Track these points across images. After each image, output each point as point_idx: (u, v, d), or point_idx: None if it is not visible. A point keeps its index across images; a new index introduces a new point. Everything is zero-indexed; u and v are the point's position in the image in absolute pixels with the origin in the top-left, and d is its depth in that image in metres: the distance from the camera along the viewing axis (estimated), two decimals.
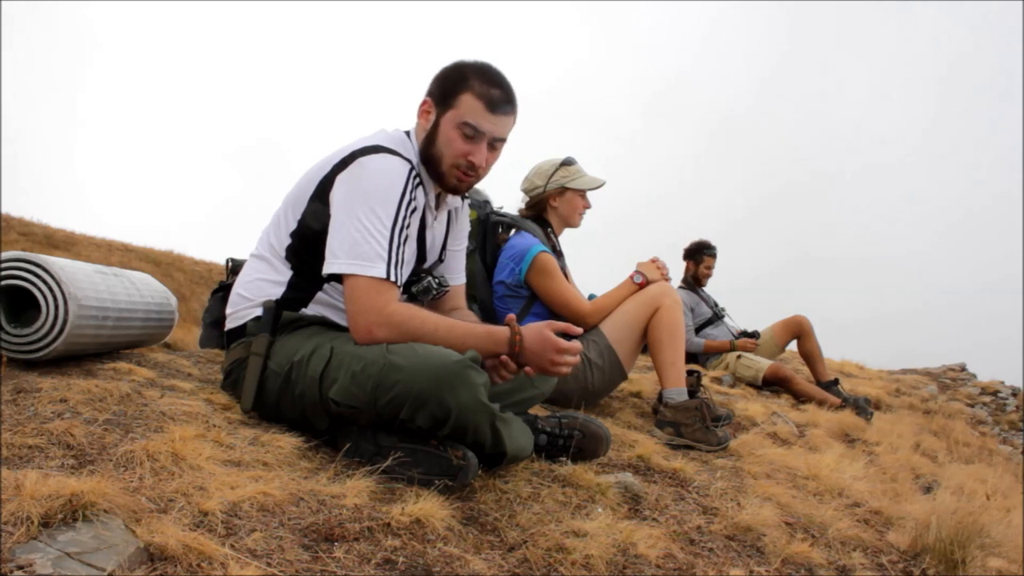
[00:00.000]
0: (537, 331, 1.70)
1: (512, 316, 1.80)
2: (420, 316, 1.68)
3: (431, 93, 1.83)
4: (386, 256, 1.67)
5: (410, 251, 1.82)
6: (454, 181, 1.84)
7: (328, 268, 1.70)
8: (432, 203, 1.90)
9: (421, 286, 1.90)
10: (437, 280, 1.92)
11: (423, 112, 1.84)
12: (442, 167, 1.82)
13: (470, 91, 1.78)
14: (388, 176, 1.71)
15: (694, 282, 5.35)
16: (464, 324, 1.72)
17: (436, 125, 1.81)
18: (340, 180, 1.72)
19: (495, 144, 1.82)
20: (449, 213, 2.02)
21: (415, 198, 1.76)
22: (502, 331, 1.71)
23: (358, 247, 1.66)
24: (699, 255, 5.32)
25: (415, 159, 1.83)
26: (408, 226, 1.74)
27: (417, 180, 1.77)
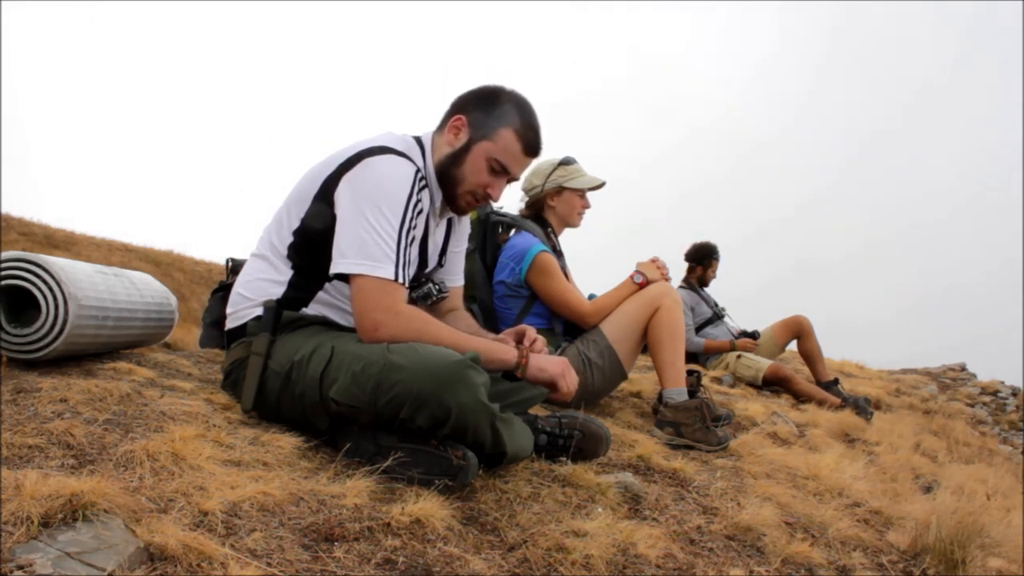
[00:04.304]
0: (560, 366, 1.81)
1: (525, 329, 1.90)
2: (426, 317, 1.70)
3: (467, 112, 1.84)
4: (394, 257, 1.67)
5: (414, 253, 1.83)
6: (463, 204, 1.89)
7: (336, 268, 1.70)
8: (436, 210, 1.91)
9: (421, 291, 1.91)
10: (437, 286, 1.94)
11: (453, 128, 1.84)
12: (458, 189, 1.85)
13: (510, 128, 1.81)
14: (395, 177, 1.71)
15: (700, 284, 5.37)
16: (470, 337, 1.75)
17: (467, 149, 1.82)
18: (346, 180, 1.72)
19: (511, 180, 1.89)
20: (450, 220, 2.03)
21: (421, 200, 1.76)
22: (510, 353, 1.76)
23: (366, 247, 1.66)
24: (708, 259, 5.34)
25: (422, 164, 1.83)
26: (415, 227, 1.74)
27: (423, 183, 1.78)
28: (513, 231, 2.96)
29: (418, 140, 1.88)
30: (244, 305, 1.84)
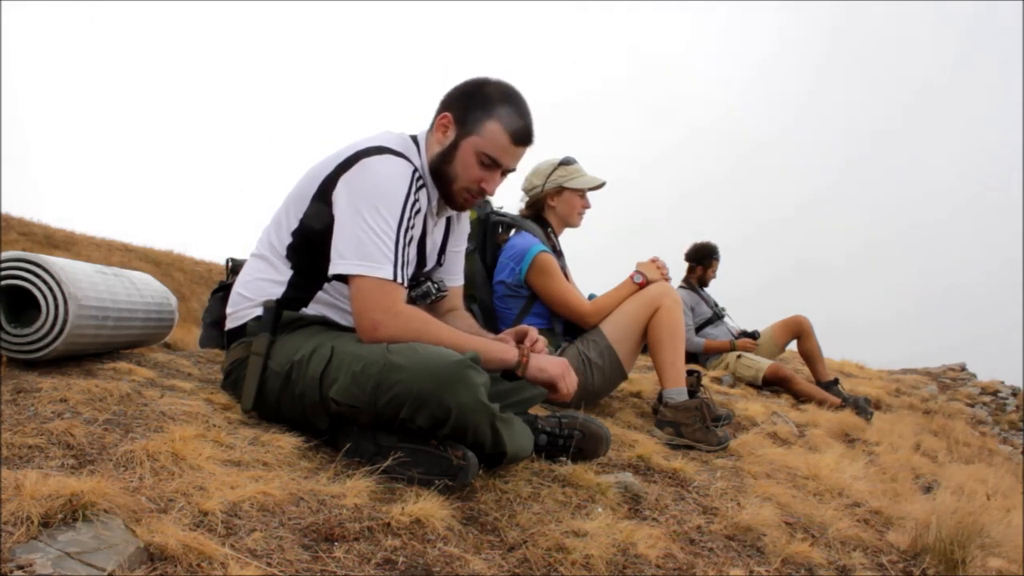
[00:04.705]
0: (560, 367, 1.80)
1: (526, 329, 1.90)
2: (426, 317, 1.70)
3: (452, 109, 1.81)
4: (392, 257, 1.67)
5: (412, 253, 1.83)
6: (461, 201, 1.88)
7: (334, 269, 1.70)
8: (434, 209, 1.91)
9: (420, 291, 1.91)
10: (436, 285, 1.93)
11: (440, 127, 1.82)
12: (453, 187, 1.84)
13: (496, 120, 1.78)
14: (392, 177, 1.71)
15: (700, 284, 5.37)
16: (471, 336, 1.74)
17: (455, 146, 1.81)
18: (344, 180, 1.72)
19: (507, 172, 1.86)
20: (449, 219, 2.03)
21: (419, 199, 1.76)
22: (510, 353, 1.76)
23: (364, 248, 1.66)
24: (708, 259, 5.35)
25: (419, 163, 1.83)
26: (413, 227, 1.74)
27: (421, 183, 1.78)
28: (513, 231, 2.96)
29: (415, 139, 1.88)
30: (244, 305, 1.84)
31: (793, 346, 5.34)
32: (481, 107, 1.79)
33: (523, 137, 1.82)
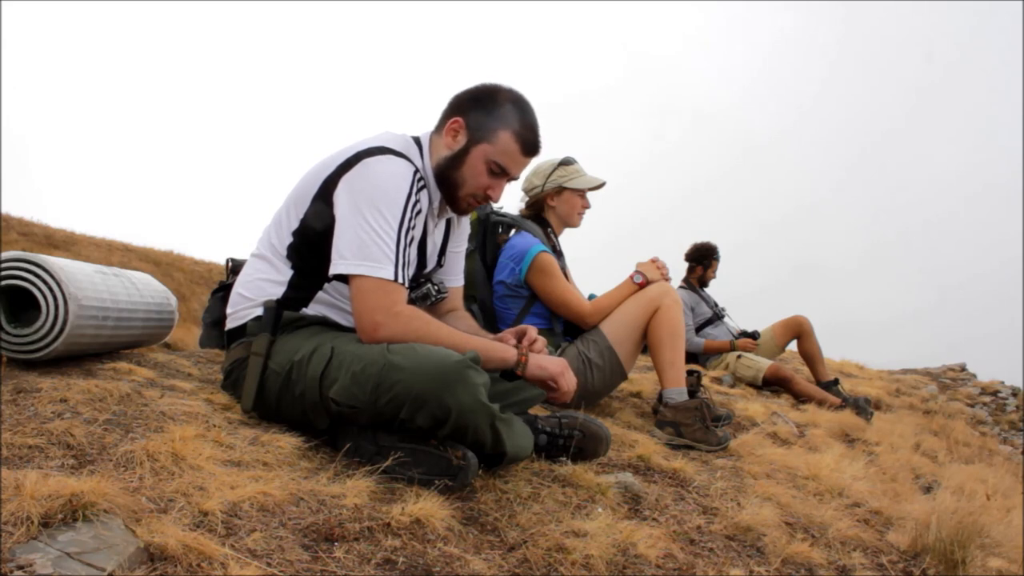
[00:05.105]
0: (559, 365, 1.80)
1: (526, 329, 1.90)
2: (426, 318, 1.70)
3: (464, 114, 1.82)
4: (393, 258, 1.67)
5: (413, 253, 1.83)
6: (464, 206, 1.89)
7: (335, 269, 1.70)
8: (435, 210, 1.91)
9: (420, 292, 1.91)
10: (436, 287, 1.94)
11: (451, 131, 1.83)
12: (459, 192, 1.85)
13: (509, 130, 1.80)
14: (394, 177, 1.71)
15: (700, 284, 5.37)
16: (470, 337, 1.74)
17: (465, 151, 1.82)
18: (345, 180, 1.72)
19: (511, 179, 1.89)
20: (449, 220, 2.03)
21: (420, 200, 1.76)
22: (509, 352, 1.76)
23: (365, 248, 1.66)
24: (708, 259, 5.35)
25: (420, 164, 1.83)
26: (413, 227, 1.74)
27: (422, 184, 1.78)
28: (513, 231, 2.96)
29: (416, 140, 1.88)
30: (244, 305, 1.84)
31: (793, 346, 5.35)
32: (494, 115, 1.81)
33: (532, 148, 1.85)
